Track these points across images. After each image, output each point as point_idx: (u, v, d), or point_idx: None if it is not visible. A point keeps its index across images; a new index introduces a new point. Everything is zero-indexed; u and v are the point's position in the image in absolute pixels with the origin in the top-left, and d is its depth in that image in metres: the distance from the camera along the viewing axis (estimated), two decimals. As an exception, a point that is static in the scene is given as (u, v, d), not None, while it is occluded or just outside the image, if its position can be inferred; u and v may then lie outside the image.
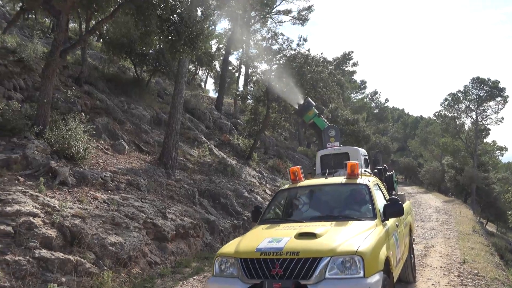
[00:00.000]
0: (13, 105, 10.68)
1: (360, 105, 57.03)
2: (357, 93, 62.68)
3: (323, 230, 4.75)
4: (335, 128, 13.96)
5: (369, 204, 5.78)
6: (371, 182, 6.34)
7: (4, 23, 19.98)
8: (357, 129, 30.27)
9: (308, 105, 14.77)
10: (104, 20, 13.16)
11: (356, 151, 10.19)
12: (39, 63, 14.10)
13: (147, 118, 17.99)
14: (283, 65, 20.70)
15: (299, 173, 6.88)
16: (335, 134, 13.43)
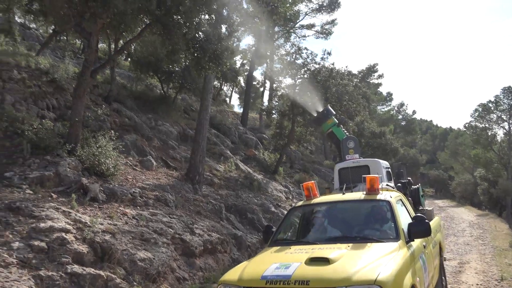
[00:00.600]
0: (47, 124, 11.07)
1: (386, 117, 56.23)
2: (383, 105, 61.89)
3: (337, 255, 4.28)
4: (354, 139, 13.03)
5: (391, 222, 5.19)
6: (393, 197, 5.74)
7: (38, 45, 20.84)
8: (384, 142, 29.79)
9: (327, 113, 13.84)
10: (132, 40, 13.55)
11: (377, 164, 9.55)
12: (71, 83, 14.58)
13: (174, 134, 18.26)
14: (308, 79, 20.71)
15: (313, 188, 6.33)
16: (354, 146, 12.44)
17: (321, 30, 37.84)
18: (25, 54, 15.68)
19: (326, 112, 13.95)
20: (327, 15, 36.80)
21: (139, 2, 9.96)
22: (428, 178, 58.49)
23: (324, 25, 37.70)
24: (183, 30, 11.18)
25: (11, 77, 12.63)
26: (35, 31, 26.58)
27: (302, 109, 19.77)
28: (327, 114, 13.85)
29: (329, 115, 13.80)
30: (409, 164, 47.47)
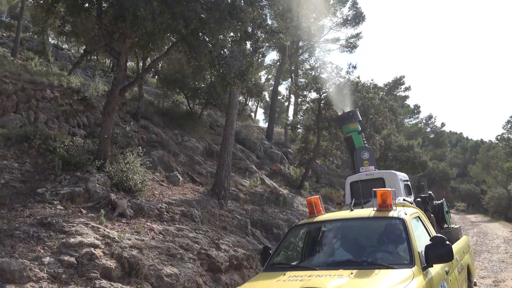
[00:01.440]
0: (77, 141, 11.41)
1: (414, 130, 55.20)
2: (410, 118, 60.86)
3: (336, 285, 3.63)
4: (369, 150, 12.02)
5: (405, 244, 4.38)
6: (409, 214, 4.90)
7: (70, 65, 21.65)
8: (413, 156, 29.17)
9: (353, 115, 13.07)
10: (159, 58, 13.89)
11: (393, 176, 8.66)
12: (101, 101, 15.03)
13: (200, 149, 18.46)
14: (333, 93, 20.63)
15: (317, 204, 5.60)
16: (369, 157, 11.52)
17: (346, 44, 37.79)
18: (58, 73, 16.30)
19: (352, 114, 13.22)
20: (351, 28, 36.75)
21: (167, 22, 10.21)
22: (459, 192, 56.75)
23: (348, 39, 37.67)
24: (208, 47, 11.38)
25: (44, 96, 13.14)
26: (67, 51, 27.65)
27: (328, 123, 19.67)
28: (353, 116, 13.11)
29: (354, 119, 13.04)
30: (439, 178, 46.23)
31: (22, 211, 8.26)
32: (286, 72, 38.39)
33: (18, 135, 11.09)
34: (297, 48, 35.89)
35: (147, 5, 9.46)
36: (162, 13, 10.01)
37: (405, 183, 8.91)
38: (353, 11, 35.85)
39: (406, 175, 9.56)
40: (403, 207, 5.38)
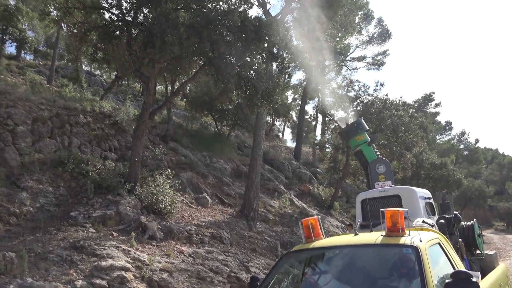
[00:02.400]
0: (109, 164, 11.66)
1: (447, 147, 53.69)
2: (442, 135, 59.30)
3: None
4: (385, 162, 10.45)
5: (417, 281, 3.52)
6: (425, 241, 3.92)
7: (102, 90, 22.35)
8: (446, 173, 28.26)
9: (358, 126, 11.30)
10: (187, 82, 14.14)
11: (411, 193, 7.41)
12: (131, 125, 15.37)
13: (228, 171, 18.50)
14: (361, 112, 20.39)
15: (316, 227, 4.67)
16: (385, 171, 9.99)
17: (372, 62, 37.47)
18: (90, 99, 16.84)
19: (357, 125, 11.43)
20: (378, 46, 36.49)
21: (194, 46, 10.42)
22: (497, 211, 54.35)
23: (375, 57, 37.33)
24: (235, 70, 11.51)
25: (78, 122, 13.54)
26: (99, 77, 28.62)
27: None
28: (358, 128, 11.34)
29: (359, 130, 11.28)
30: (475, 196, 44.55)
31: (56, 234, 8.43)
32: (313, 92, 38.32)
33: (52, 160, 11.43)
34: (323, 67, 35.86)
35: (175, 30, 9.69)
36: (189, 38, 10.23)
37: (427, 201, 7.72)
38: (379, 29, 35.66)
39: (428, 192, 8.23)
40: (420, 232, 4.44)
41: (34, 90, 15.07)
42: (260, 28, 11.02)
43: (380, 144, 20.50)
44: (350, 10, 22.00)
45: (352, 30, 28.88)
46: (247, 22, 10.80)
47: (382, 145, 20.42)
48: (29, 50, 26.55)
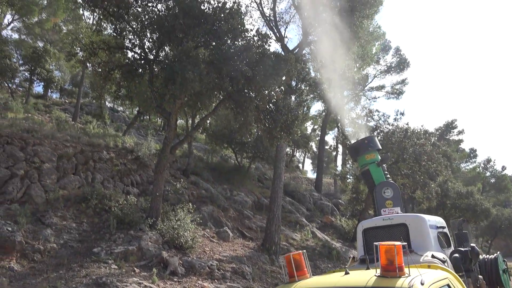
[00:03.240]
0: (131, 199, 11.77)
1: (472, 175, 52.28)
2: (467, 162, 57.86)
3: None
4: (393, 185, 9.12)
5: None
6: (427, 284, 3.25)
7: (124, 126, 22.87)
8: (473, 203, 27.42)
9: (369, 144, 9.94)
10: (207, 116, 14.35)
11: (420, 221, 6.37)
12: (153, 159, 15.59)
13: (249, 203, 18.41)
14: (382, 141, 20.20)
15: (300, 263, 4.18)
16: (393, 195, 8.75)
17: (391, 91, 37.42)
18: (113, 135, 17.23)
19: (368, 142, 10.06)
20: (396, 75, 36.52)
21: (214, 82, 10.64)
22: (530, 241, 52.00)
23: (394, 86, 37.28)
24: (254, 103, 11.65)
25: (101, 157, 13.81)
26: (122, 113, 29.37)
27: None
28: (369, 145, 9.93)
29: (370, 147, 9.88)
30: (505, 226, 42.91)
31: (79, 271, 8.45)
32: (332, 122, 38.29)
33: (76, 196, 11.62)
34: (342, 97, 35.99)
35: (195, 67, 9.94)
36: (209, 74, 10.46)
37: (440, 231, 6.67)
38: (396, 58, 35.80)
39: (441, 220, 7.17)
40: (425, 270, 3.73)
41: (59, 127, 15.54)
42: (278, 62, 11.20)
43: (403, 174, 20.15)
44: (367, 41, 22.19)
45: (370, 60, 29.06)
46: (265, 57, 11.01)
47: (405, 175, 20.07)
48: (56, 89, 27.59)
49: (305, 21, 18.40)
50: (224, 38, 11.27)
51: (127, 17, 11.61)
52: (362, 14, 17.56)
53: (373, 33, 27.85)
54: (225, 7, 11.40)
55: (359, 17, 17.30)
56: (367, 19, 18.43)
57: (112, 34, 12.53)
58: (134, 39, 12.33)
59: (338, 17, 17.05)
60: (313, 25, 18.55)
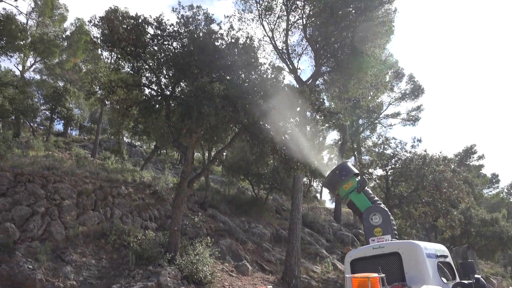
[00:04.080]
0: (149, 234, 11.77)
1: (496, 201, 50.82)
2: (489, 188, 56.44)
3: None
4: (382, 211, 7.99)
5: None
6: None
7: (142, 160, 23.13)
8: (499, 230, 26.49)
9: (341, 173, 8.84)
10: (223, 149, 14.48)
11: (415, 249, 5.64)
12: (170, 193, 15.66)
13: (267, 236, 18.19)
14: (400, 169, 19.96)
15: None
16: (381, 222, 7.67)
17: (407, 118, 37.25)
18: (131, 170, 17.42)
19: (340, 171, 8.94)
20: (411, 102, 36.45)
21: (229, 116, 10.79)
22: (562, 269, 49.66)
23: (409, 112, 37.14)
24: (270, 135, 11.72)
25: (120, 193, 13.94)
26: (139, 148, 29.79)
27: (398, 201, 18.81)
28: (341, 174, 8.87)
29: (343, 177, 8.80)
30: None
31: (98, 309, 8.39)
32: (349, 151, 38.12)
33: (96, 232, 11.68)
34: (358, 126, 35.91)
35: (211, 102, 10.12)
36: (224, 108, 10.62)
37: (441, 261, 5.94)
38: (410, 85, 35.83)
39: (443, 248, 6.38)
40: None
41: (79, 164, 15.81)
42: (293, 94, 11.33)
43: (423, 202, 19.77)
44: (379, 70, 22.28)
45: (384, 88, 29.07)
46: (279, 89, 11.16)
47: (426, 203, 19.69)
48: (75, 127, 28.28)
49: (317, 52, 18.68)
50: (238, 72, 11.51)
51: (144, 56, 11.98)
52: (374, 44, 17.75)
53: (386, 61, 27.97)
54: (239, 43, 11.69)
55: (371, 46, 17.49)
56: (379, 49, 18.59)
57: (129, 72, 12.91)
58: (150, 76, 12.67)
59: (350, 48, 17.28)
60: (326, 56, 18.81)
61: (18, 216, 10.59)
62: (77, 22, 26.19)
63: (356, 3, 17.49)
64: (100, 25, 12.21)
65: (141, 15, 11.90)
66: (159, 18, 11.93)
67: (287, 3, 19.17)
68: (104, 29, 12.09)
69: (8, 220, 10.35)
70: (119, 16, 12.27)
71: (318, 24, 18.56)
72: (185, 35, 11.95)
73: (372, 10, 17.67)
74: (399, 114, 37.26)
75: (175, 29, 12.02)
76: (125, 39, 11.69)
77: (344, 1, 17.39)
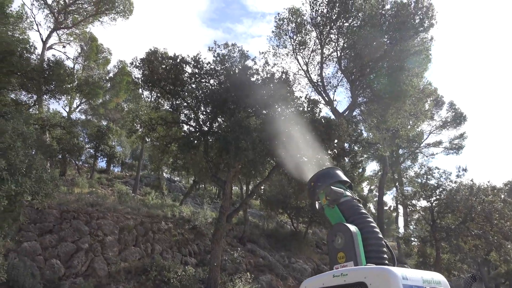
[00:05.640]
0: (189, 270, 11.73)
1: (554, 232, 47.39)
2: (545, 218, 52.84)
3: None
4: (345, 230, 5.35)
5: None
6: None
7: (181, 195, 23.42)
8: None
9: (315, 185, 6.34)
10: (261, 182, 14.45)
11: (387, 280, 3.98)
12: (209, 228, 15.66)
13: (308, 271, 17.69)
14: (445, 200, 19.12)
15: None
16: (344, 245, 5.30)
17: (450, 146, 36.02)
18: (171, 205, 17.64)
19: (315, 183, 6.27)
20: (453, 130, 35.33)
21: (266, 149, 10.82)
22: None
23: (452, 141, 35.95)
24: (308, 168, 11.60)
25: (160, 228, 14.09)
26: (178, 183, 30.25)
27: (446, 234, 17.91)
28: (315, 187, 6.30)
29: (317, 188, 6.30)
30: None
31: None
32: (390, 182, 37.11)
33: (137, 268, 11.77)
34: (398, 156, 35.06)
35: (248, 136, 10.22)
36: (262, 142, 10.68)
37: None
38: (451, 113, 34.86)
39: (439, 278, 4.66)
40: None
41: (121, 200, 16.20)
42: (329, 126, 11.27)
43: (473, 234, 18.75)
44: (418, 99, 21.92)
45: (424, 117, 28.45)
46: (316, 123, 11.14)
47: (476, 236, 18.65)
48: (117, 163, 29.19)
49: (353, 83, 18.65)
50: (274, 106, 11.61)
51: (182, 94, 12.37)
52: (411, 73, 17.54)
53: (424, 90, 27.55)
54: (274, 77, 11.87)
55: (408, 76, 17.28)
56: (416, 77, 18.33)
57: (168, 110, 13.33)
58: (189, 113, 13.01)
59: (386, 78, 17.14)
60: (362, 86, 18.73)
61: (64, 253, 10.88)
62: (120, 64, 27.66)
63: (391, 33, 17.48)
64: (141, 66, 12.78)
65: (179, 55, 12.40)
66: (197, 57, 12.36)
67: (321, 37, 19.42)
68: (144, 70, 12.64)
69: (54, 257, 10.65)
70: (159, 57, 12.82)
71: (353, 56, 18.61)
72: (221, 72, 12.28)
73: (407, 39, 17.57)
74: (441, 143, 36.11)
75: (211, 67, 12.40)
76: (164, 78, 12.15)
77: (378, 32, 17.41)
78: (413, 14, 18.10)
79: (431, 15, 18.36)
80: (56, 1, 23.11)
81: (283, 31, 20.99)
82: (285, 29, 20.82)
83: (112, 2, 23.41)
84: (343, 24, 19.65)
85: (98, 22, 24.77)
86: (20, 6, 22.49)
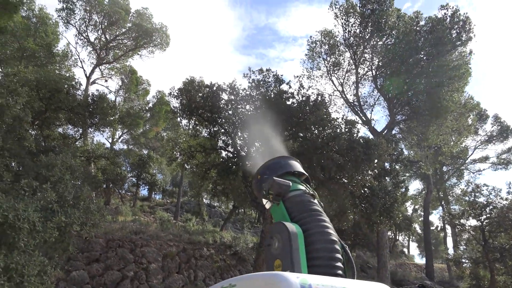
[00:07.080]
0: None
1: None
2: None
3: None
4: (283, 231, 2.37)
5: None
6: None
7: (221, 220, 23.52)
8: None
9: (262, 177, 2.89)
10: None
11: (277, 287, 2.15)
12: (250, 253, 15.56)
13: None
14: (497, 218, 18.16)
15: None
16: (281, 250, 2.36)
17: (498, 161, 34.36)
18: (212, 230, 17.73)
19: (261, 176, 2.94)
20: (500, 144, 33.76)
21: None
22: None
23: (500, 155, 34.33)
24: (348, 189, 11.41)
25: (202, 255, 14.15)
26: (218, 208, 30.45)
27: (500, 254, 16.93)
28: (261, 180, 2.99)
29: (262, 183, 2.97)
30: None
31: None
32: (435, 201, 35.73)
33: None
34: (442, 173, 33.82)
35: (286, 160, 10.18)
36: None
37: None
38: (497, 126, 33.42)
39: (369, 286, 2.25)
40: None
41: (163, 227, 16.45)
42: (368, 147, 11.07)
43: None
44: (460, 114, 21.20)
45: (467, 132, 27.43)
46: (354, 143, 10.98)
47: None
48: (158, 191, 29.81)
49: (390, 101, 18.34)
50: (311, 128, 11.58)
51: (219, 120, 12.58)
52: (451, 88, 17.05)
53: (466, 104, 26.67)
54: (310, 100, 11.88)
55: (447, 91, 16.81)
56: (457, 92, 17.80)
57: (206, 136, 13.58)
58: (226, 139, 13.19)
59: (425, 94, 16.75)
60: (400, 104, 18.38)
61: (110, 281, 11.11)
62: (158, 94, 28.60)
63: (427, 49, 17.17)
64: (179, 95, 13.17)
65: (215, 82, 12.70)
66: (232, 84, 12.60)
67: (355, 57, 19.34)
68: (182, 99, 13.01)
69: (101, 285, 10.89)
70: (196, 85, 13.19)
71: (389, 74, 18.37)
72: (257, 98, 12.43)
73: (445, 54, 17.18)
74: (488, 158, 34.54)
75: (247, 92, 12.58)
76: (201, 106, 12.44)
77: (414, 49, 17.15)
78: (449, 29, 17.75)
79: (468, 29, 17.94)
80: (98, 38, 24.40)
81: (316, 54, 21.09)
82: (318, 51, 20.93)
83: (149, 36, 24.44)
84: (377, 43, 19.53)
85: (137, 55, 25.92)
86: (66, 45, 23.93)
